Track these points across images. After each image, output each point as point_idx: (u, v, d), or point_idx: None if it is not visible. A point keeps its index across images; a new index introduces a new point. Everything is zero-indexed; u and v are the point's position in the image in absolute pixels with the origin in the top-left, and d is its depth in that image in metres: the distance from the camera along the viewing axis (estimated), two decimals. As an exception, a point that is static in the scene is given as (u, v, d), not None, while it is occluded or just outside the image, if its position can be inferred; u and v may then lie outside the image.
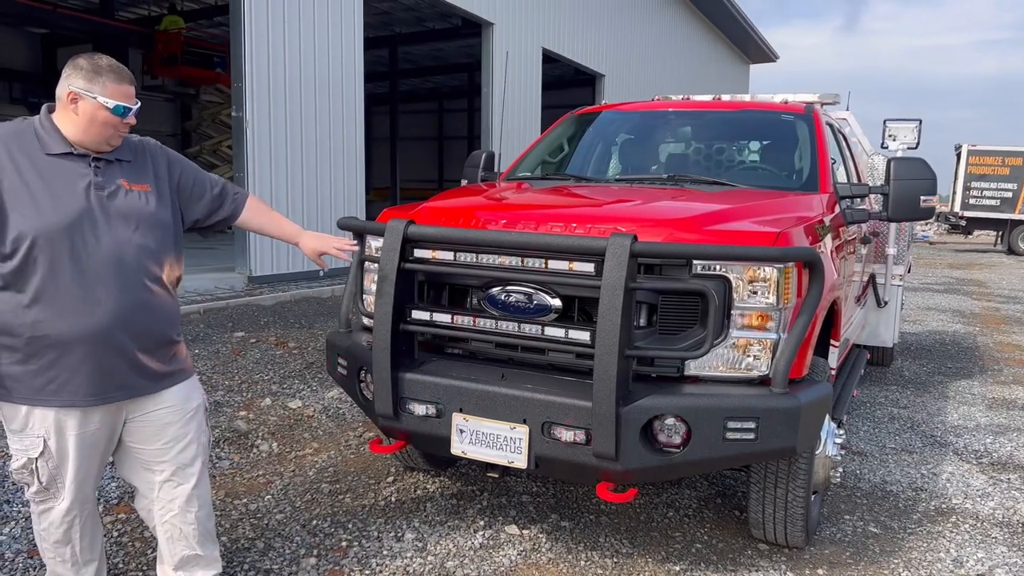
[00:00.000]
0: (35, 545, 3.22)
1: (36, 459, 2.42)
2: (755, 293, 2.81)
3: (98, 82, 2.39)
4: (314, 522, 3.62)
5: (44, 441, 2.41)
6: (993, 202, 24.74)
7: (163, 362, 2.57)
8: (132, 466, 2.65)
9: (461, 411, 3.03)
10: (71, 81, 2.40)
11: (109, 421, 2.51)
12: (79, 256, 2.35)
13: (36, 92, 20.80)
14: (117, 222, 2.43)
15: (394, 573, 3.19)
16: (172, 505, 2.67)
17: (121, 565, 3.18)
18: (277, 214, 3.04)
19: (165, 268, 2.58)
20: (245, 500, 3.81)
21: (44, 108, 2.49)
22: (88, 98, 2.38)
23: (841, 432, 3.54)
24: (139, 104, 2.49)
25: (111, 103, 2.39)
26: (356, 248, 3.17)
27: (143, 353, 2.49)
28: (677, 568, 3.31)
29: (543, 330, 2.98)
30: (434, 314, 3.19)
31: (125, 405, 2.53)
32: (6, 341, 2.35)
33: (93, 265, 2.37)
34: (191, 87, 19.18)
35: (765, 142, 4.92)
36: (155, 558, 3.18)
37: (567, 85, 21.64)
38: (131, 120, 2.46)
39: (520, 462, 2.95)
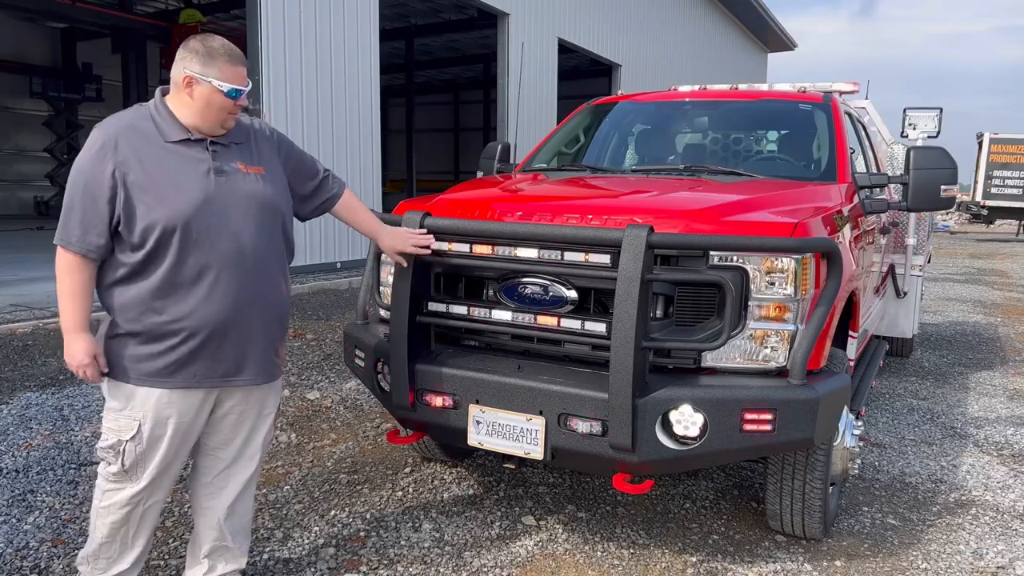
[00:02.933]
0: (59, 534, 3.28)
1: (126, 441, 2.45)
2: (772, 284, 2.79)
3: (213, 65, 2.39)
4: (332, 512, 3.65)
5: (139, 425, 2.45)
6: (1016, 191, 24.40)
7: (273, 351, 2.62)
8: (197, 447, 2.70)
9: (478, 402, 3.05)
10: (186, 64, 2.40)
11: (205, 412, 2.56)
12: (202, 244, 2.38)
13: (56, 86, 21.02)
14: (237, 207, 2.45)
15: (412, 563, 3.21)
16: (220, 494, 2.72)
17: (143, 554, 3.22)
18: (365, 208, 3.03)
19: (281, 254, 2.61)
20: (265, 490, 3.85)
21: (158, 92, 2.50)
22: (204, 82, 2.39)
23: (859, 423, 3.52)
24: (250, 85, 2.50)
25: (226, 86, 2.40)
26: (432, 242, 3.10)
27: (256, 343, 2.54)
28: (694, 559, 3.31)
29: (559, 322, 2.98)
30: (450, 306, 3.20)
31: (221, 394, 2.58)
32: (131, 327, 2.40)
33: (215, 253, 2.40)
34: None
35: (783, 132, 4.88)
36: (177, 547, 3.23)
37: (583, 75, 21.56)
38: (243, 102, 2.46)
39: (536, 453, 2.96)
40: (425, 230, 3.11)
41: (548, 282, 3.02)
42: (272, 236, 2.56)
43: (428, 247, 3.07)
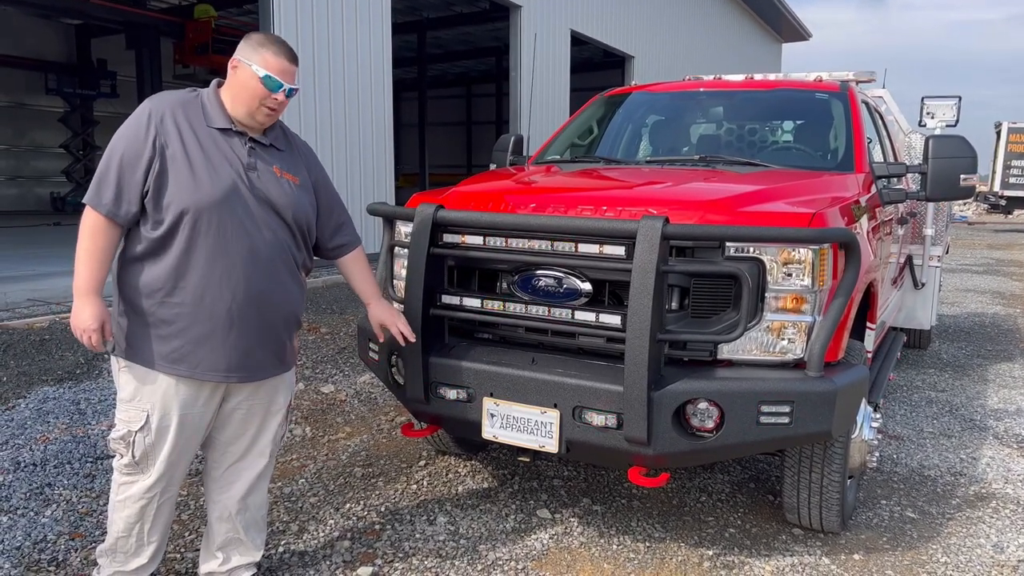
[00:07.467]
0: (76, 527, 3.30)
1: (135, 432, 2.48)
2: (790, 275, 2.76)
3: (259, 52, 2.46)
4: (347, 505, 3.65)
5: (147, 415, 2.47)
6: (1034, 181, 24.10)
7: (276, 352, 2.63)
8: (208, 441, 2.72)
9: (492, 395, 3.03)
10: (239, 50, 2.48)
11: (213, 405, 2.57)
12: (220, 235, 2.40)
13: (71, 82, 21.15)
14: (262, 206, 2.48)
15: (427, 556, 3.21)
16: (230, 488, 2.74)
17: (160, 547, 3.23)
18: (369, 270, 2.99)
19: (298, 259, 2.63)
20: (280, 484, 3.86)
21: (214, 82, 2.57)
22: (245, 65, 2.45)
23: (877, 416, 3.49)
24: (295, 88, 2.52)
25: (262, 72, 2.44)
26: (413, 339, 3.04)
27: (261, 341, 2.55)
28: (710, 553, 3.29)
29: (573, 314, 2.96)
30: (464, 299, 3.18)
31: (229, 389, 2.59)
32: (141, 304, 2.43)
33: (231, 247, 2.42)
34: (222, 75, 19.33)
35: (799, 121, 4.83)
36: (193, 540, 3.24)
37: (596, 67, 21.47)
38: (280, 97, 2.48)
39: (551, 446, 2.95)
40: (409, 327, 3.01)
41: (562, 274, 3.00)
42: (290, 243, 2.58)
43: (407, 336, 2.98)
